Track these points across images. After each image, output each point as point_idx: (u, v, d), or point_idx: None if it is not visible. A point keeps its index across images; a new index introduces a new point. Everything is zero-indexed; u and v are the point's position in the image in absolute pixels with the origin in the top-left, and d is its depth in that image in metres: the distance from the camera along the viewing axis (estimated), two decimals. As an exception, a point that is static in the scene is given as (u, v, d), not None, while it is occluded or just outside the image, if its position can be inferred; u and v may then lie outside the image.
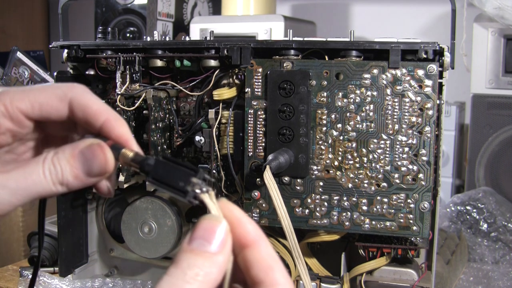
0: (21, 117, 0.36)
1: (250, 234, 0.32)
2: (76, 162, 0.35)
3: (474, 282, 0.91)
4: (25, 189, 0.34)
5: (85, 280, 0.87)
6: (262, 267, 0.32)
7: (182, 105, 0.83)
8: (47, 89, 0.37)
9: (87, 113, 0.37)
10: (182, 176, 0.33)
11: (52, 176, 0.35)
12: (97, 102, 0.38)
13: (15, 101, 0.36)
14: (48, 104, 0.37)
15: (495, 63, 1.18)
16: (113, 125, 0.37)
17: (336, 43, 0.71)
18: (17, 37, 1.99)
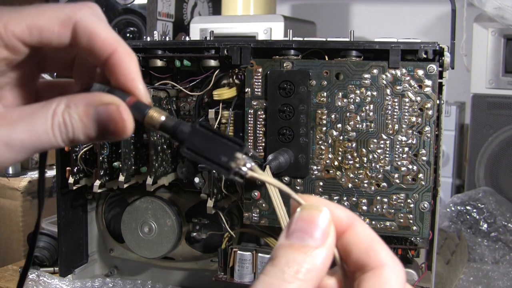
0: (17, 43, 0.31)
1: (343, 219, 0.29)
2: (90, 121, 0.31)
3: (474, 282, 0.91)
4: (30, 146, 0.30)
5: (85, 280, 0.87)
6: (362, 249, 0.29)
7: (182, 105, 0.83)
8: (48, 10, 0.32)
9: (92, 42, 0.31)
10: (224, 149, 0.29)
11: (62, 134, 0.31)
12: (106, 30, 0.32)
13: (10, 25, 0.30)
14: (49, 29, 0.31)
15: (495, 63, 1.18)
16: (121, 60, 0.32)
17: (336, 43, 0.71)
18: (17, 37, 1.99)
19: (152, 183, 0.77)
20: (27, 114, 0.30)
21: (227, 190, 0.77)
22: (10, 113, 0.30)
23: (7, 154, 0.30)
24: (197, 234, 0.85)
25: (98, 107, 0.31)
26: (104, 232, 0.91)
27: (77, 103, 0.31)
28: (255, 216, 0.73)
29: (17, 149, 0.30)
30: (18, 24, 0.31)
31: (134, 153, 0.80)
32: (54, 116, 0.30)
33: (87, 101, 0.31)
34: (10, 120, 0.30)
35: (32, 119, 0.30)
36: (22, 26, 0.31)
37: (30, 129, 0.30)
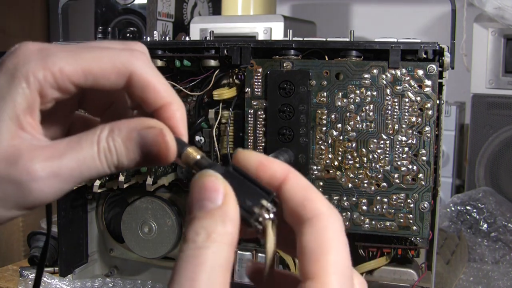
0: (70, 86, 0.31)
1: (277, 171, 0.29)
2: (133, 145, 0.31)
3: (474, 282, 0.91)
4: (79, 175, 0.30)
5: (85, 280, 0.87)
6: (297, 200, 0.28)
7: (182, 105, 0.83)
8: (104, 56, 0.31)
9: (147, 92, 0.32)
10: (252, 194, 0.29)
11: (108, 160, 0.31)
12: (162, 83, 0.32)
13: (66, 70, 0.30)
14: (104, 77, 0.31)
15: (495, 63, 1.18)
16: (173, 114, 0.32)
17: (336, 43, 0.71)
18: (17, 37, 1.99)
19: (152, 183, 0.77)
20: (74, 144, 0.31)
21: (227, 190, 0.77)
22: (58, 144, 0.31)
23: (56, 184, 0.30)
24: (197, 234, 0.85)
25: (141, 131, 0.31)
26: (104, 232, 0.91)
27: (120, 127, 0.31)
28: (255, 216, 0.73)
29: (66, 179, 0.30)
30: (74, 69, 0.31)
31: (134, 153, 0.79)
32: (99, 142, 0.31)
33: (131, 125, 0.31)
34: (59, 152, 0.30)
35: (79, 147, 0.30)
36: (78, 71, 0.31)
37: (78, 157, 0.30)
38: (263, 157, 0.30)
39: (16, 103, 0.30)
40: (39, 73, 0.30)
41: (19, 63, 0.30)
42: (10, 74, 0.30)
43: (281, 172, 0.29)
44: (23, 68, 0.30)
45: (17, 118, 0.30)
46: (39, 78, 0.30)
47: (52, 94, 0.31)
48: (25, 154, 0.30)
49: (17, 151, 0.30)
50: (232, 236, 0.27)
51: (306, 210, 0.28)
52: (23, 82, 0.30)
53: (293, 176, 0.29)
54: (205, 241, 0.27)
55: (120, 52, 0.32)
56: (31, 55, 0.31)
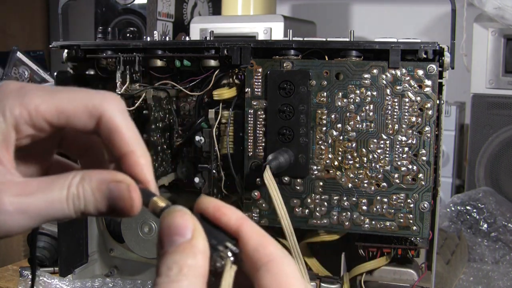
0: (44, 124, 0.33)
1: (232, 219, 0.31)
2: (101, 197, 0.32)
3: (474, 282, 0.91)
4: (45, 215, 0.32)
5: (85, 280, 0.87)
6: (252, 247, 0.30)
7: (182, 105, 0.83)
8: (77, 98, 0.33)
9: (113, 137, 0.34)
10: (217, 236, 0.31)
11: (75, 206, 0.32)
12: (127, 129, 0.34)
13: (40, 108, 0.32)
14: (76, 116, 0.33)
15: (495, 63, 1.18)
16: (136, 162, 0.34)
17: (336, 43, 0.71)
18: (17, 37, 1.99)
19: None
20: (45, 184, 0.32)
21: (227, 190, 0.77)
22: (30, 182, 0.32)
23: (21, 221, 0.31)
24: (197, 234, 0.85)
25: (110, 184, 0.32)
26: (104, 232, 0.91)
27: (91, 177, 0.32)
28: (255, 216, 0.73)
29: (33, 217, 0.31)
30: (49, 107, 0.33)
31: (134, 153, 0.80)
32: (69, 188, 0.32)
33: (101, 177, 0.32)
34: (29, 190, 0.31)
35: (49, 189, 0.32)
36: (51, 110, 0.33)
37: (47, 198, 0.31)
38: (220, 203, 0.32)
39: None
40: (16, 109, 0.32)
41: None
42: None
43: (236, 219, 0.31)
44: (0, 103, 0.32)
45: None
46: (15, 114, 0.32)
47: (26, 131, 0.33)
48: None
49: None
50: (203, 269, 0.29)
51: (260, 255, 0.29)
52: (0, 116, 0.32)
53: (248, 223, 0.31)
54: (177, 275, 0.28)
55: (94, 94, 0.34)
56: (10, 93, 0.32)
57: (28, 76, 1.45)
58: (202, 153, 0.79)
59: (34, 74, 1.46)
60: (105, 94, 0.34)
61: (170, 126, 0.81)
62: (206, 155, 0.78)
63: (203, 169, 0.75)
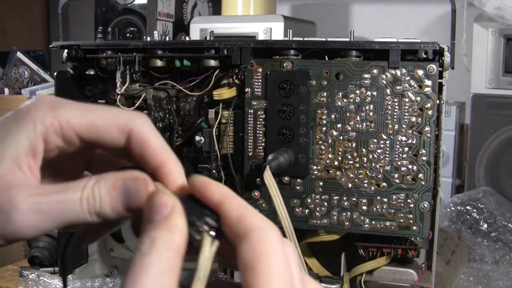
0: (74, 137, 0.34)
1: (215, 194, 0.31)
2: (117, 193, 0.32)
3: (474, 282, 0.91)
4: (58, 215, 0.32)
5: (85, 280, 0.87)
6: (233, 220, 0.30)
7: (182, 105, 0.83)
8: (108, 113, 0.34)
9: (145, 150, 0.34)
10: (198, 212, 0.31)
11: (90, 206, 0.32)
12: (159, 141, 0.35)
13: (72, 121, 0.33)
14: (106, 131, 0.34)
15: (495, 63, 1.18)
16: (169, 171, 0.34)
17: (336, 43, 0.71)
18: (17, 37, 1.99)
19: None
20: (60, 187, 0.32)
21: (227, 190, 0.77)
22: (44, 186, 0.33)
23: (35, 221, 0.31)
24: (197, 234, 0.85)
25: (125, 180, 0.33)
26: (104, 232, 0.91)
27: (107, 177, 0.33)
28: (255, 216, 0.73)
29: (46, 217, 0.31)
30: (80, 120, 0.33)
31: (134, 153, 0.80)
32: (84, 189, 0.32)
33: (117, 175, 0.33)
34: (43, 190, 0.32)
35: (64, 190, 0.32)
36: (83, 123, 0.33)
37: (61, 198, 0.32)
38: (207, 180, 0.32)
39: (18, 141, 0.32)
40: (47, 119, 0.33)
41: (31, 109, 0.33)
42: (20, 117, 0.33)
43: (219, 194, 0.31)
44: (34, 113, 0.33)
45: (17, 156, 0.32)
46: (46, 123, 0.33)
47: (56, 142, 0.33)
48: (13, 187, 0.31)
49: (7, 184, 0.32)
50: (177, 243, 0.29)
51: (241, 226, 0.29)
52: (30, 124, 0.33)
53: (230, 197, 0.31)
54: (149, 248, 0.29)
55: (123, 111, 0.35)
56: (43, 104, 0.33)
57: (28, 76, 1.45)
58: (202, 153, 0.79)
59: (34, 74, 1.46)
60: (135, 112, 0.35)
61: (170, 126, 0.81)
62: (206, 155, 0.78)
63: (203, 169, 0.75)
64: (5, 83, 1.40)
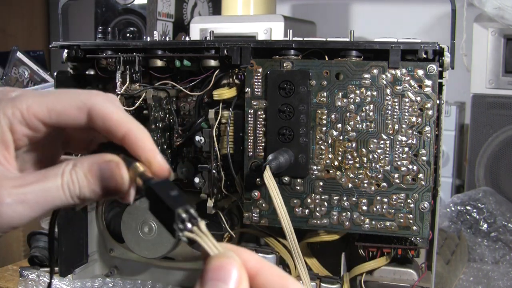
0: (37, 123, 0.35)
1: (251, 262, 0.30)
2: (93, 177, 0.34)
3: (474, 282, 0.91)
4: (44, 203, 0.34)
5: (85, 280, 0.87)
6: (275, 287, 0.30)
7: (182, 105, 0.83)
8: (66, 96, 0.36)
9: (107, 124, 0.36)
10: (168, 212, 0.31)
11: (70, 191, 0.34)
12: (118, 113, 0.36)
13: (32, 108, 0.35)
14: (66, 113, 0.35)
15: (495, 63, 1.18)
16: (136, 137, 0.36)
17: (336, 43, 0.71)
18: (17, 37, 1.99)
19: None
20: (41, 175, 0.34)
21: (227, 190, 0.77)
22: (26, 176, 0.34)
23: (22, 211, 0.33)
24: (197, 234, 0.85)
25: (100, 164, 0.35)
26: (104, 232, 0.91)
27: (82, 162, 0.35)
28: (255, 216, 0.73)
29: (32, 206, 0.33)
30: (39, 107, 0.35)
31: (134, 153, 0.80)
32: (63, 175, 0.34)
33: (91, 160, 0.35)
34: (26, 181, 0.34)
35: (45, 179, 0.34)
36: (42, 109, 0.35)
37: (43, 187, 0.34)
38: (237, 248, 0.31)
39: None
40: (8, 110, 0.34)
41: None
42: None
43: (254, 263, 0.30)
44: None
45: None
46: (8, 114, 0.34)
47: (22, 130, 0.35)
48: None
49: None
50: None
51: None
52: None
53: (268, 266, 0.31)
54: None
55: (81, 91, 0.37)
56: (3, 96, 0.35)
57: (28, 76, 1.45)
58: (202, 153, 0.79)
59: (34, 74, 1.46)
60: (92, 91, 0.37)
61: (170, 126, 0.81)
62: (206, 155, 0.78)
63: (203, 169, 0.75)
64: (5, 83, 1.40)
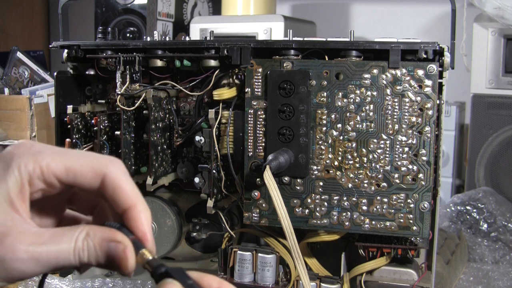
0: (54, 180, 0.37)
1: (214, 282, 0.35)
2: (102, 252, 0.36)
3: (474, 282, 0.91)
4: (54, 263, 0.36)
5: (85, 280, 0.87)
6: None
7: (182, 105, 0.83)
8: (84, 158, 0.38)
9: (117, 194, 0.38)
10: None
11: (80, 257, 0.36)
12: (130, 186, 0.38)
13: (51, 165, 0.37)
14: (82, 174, 0.37)
15: (495, 63, 1.18)
16: (138, 215, 0.38)
17: (336, 43, 0.71)
18: (17, 37, 1.99)
19: (152, 183, 0.77)
20: (56, 236, 0.36)
21: (227, 190, 0.77)
22: (43, 233, 0.36)
23: (33, 268, 0.35)
24: (197, 234, 0.85)
25: (110, 243, 0.36)
26: (104, 232, 0.91)
27: (95, 234, 0.37)
28: (255, 216, 0.73)
29: (43, 264, 0.36)
30: (58, 165, 0.37)
31: (134, 153, 0.80)
32: (76, 241, 0.36)
33: (104, 235, 0.37)
34: (42, 239, 0.36)
35: (60, 240, 0.36)
36: (60, 168, 0.37)
37: (57, 248, 0.36)
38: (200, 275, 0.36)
39: (9, 187, 0.36)
40: (30, 165, 0.36)
41: (14, 155, 0.37)
42: (6, 163, 0.37)
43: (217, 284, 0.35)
44: (17, 159, 0.37)
45: (10, 200, 0.36)
46: (29, 169, 0.36)
47: (39, 185, 0.37)
48: (13, 235, 0.35)
49: (7, 230, 0.35)
50: None
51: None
52: (16, 170, 0.36)
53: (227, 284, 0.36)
54: None
55: (99, 156, 0.39)
56: (25, 150, 0.37)
57: (28, 76, 1.45)
58: (202, 153, 0.79)
59: (34, 74, 1.46)
60: (110, 157, 0.39)
61: (170, 126, 0.81)
62: (206, 155, 0.78)
63: (203, 169, 0.75)
64: (5, 83, 1.40)
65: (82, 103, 0.87)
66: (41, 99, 1.33)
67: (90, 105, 0.84)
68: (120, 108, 0.76)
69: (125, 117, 0.77)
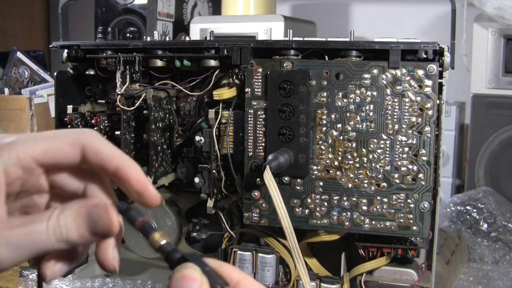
0: (32, 164, 0.36)
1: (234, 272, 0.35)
2: (82, 220, 0.35)
3: (474, 282, 0.91)
4: (27, 246, 0.34)
5: (85, 280, 0.87)
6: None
7: (182, 105, 0.83)
8: (59, 135, 0.37)
9: (100, 158, 0.37)
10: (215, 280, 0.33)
11: (57, 234, 0.35)
12: (110, 147, 0.38)
13: (27, 149, 0.36)
14: (60, 150, 0.37)
15: (495, 63, 1.18)
16: (127, 170, 0.37)
17: (336, 43, 0.71)
18: (17, 37, 1.99)
19: (152, 183, 0.77)
20: (27, 219, 0.35)
21: (227, 190, 0.77)
22: (12, 220, 0.35)
23: (5, 254, 0.34)
24: (197, 234, 0.85)
25: (88, 208, 0.35)
26: (104, 232, 0.91)
27: (71, 206, 0.35)
28: (255, 216, 0.73)
29: (16, 249, 0.34)
30: (34, 147, 0.36)
31: (134, 153, 0.80)
32: (49, 219, 0.35)
33: (80, 203, 0.36)
34: (10, 225, 0.34)
35: (30, 223, 0.35)
36: (37, 149, 0.36)
37: (28, 230, 0.34)
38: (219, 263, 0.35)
39: None
40: (4, 155, 0.35)
41: None
42: None
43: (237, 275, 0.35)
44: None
45: None
46: (4, 158, 0.35)
47: (16, 173, 0.36)
48: None
49: None
50: None
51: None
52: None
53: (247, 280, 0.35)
54: None
55: (72, 130, 0.38)
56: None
57: (28, 76, 1.45)
58: (202, 153, 0.79)
59: (34, 74, 1.46)
60: (84, 129, 0.39)
61: (170, 126, 0.81)
62: (206, 155, 0.78)
63: (203, 169, 0.75)
64: (5, 83, 1.40)
65: (82, 103, 0.87)
66: (41, 99, 1.33)
67: (90, 105, 0.84)
68: (120, 108, 0.76)
69: (125, 117, 0.77)
